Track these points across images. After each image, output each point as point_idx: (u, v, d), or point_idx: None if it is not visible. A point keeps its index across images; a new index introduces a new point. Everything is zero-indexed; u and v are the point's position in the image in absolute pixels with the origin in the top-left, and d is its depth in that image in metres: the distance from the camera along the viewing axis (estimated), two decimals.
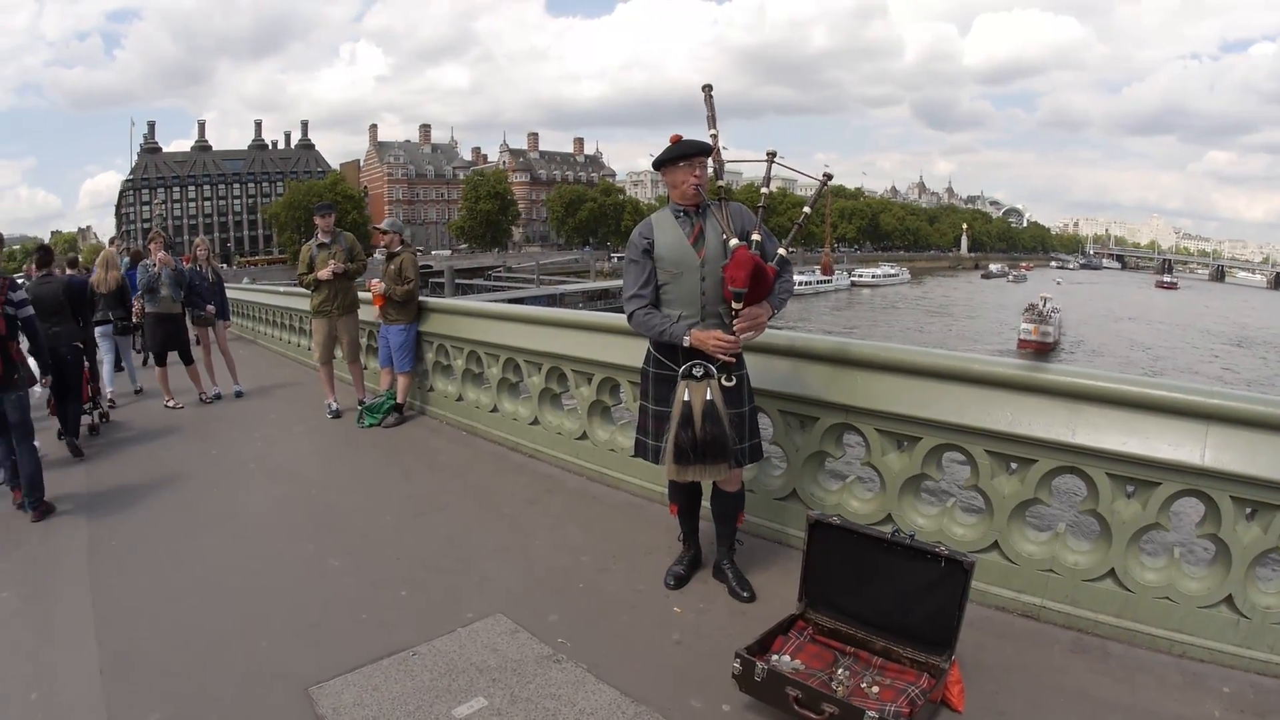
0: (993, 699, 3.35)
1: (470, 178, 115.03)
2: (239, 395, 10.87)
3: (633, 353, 5.15)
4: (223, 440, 8.50)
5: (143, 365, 12.18)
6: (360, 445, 7.90)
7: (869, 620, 3.51)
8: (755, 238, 3.83)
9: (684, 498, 4.41)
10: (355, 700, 3.49)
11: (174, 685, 3.73)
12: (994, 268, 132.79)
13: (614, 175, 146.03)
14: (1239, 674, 3.54)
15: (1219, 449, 3.54)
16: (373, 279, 8.46)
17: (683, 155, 3.88)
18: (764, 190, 4.07)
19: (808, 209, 4.10)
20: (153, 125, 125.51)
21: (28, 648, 4.17)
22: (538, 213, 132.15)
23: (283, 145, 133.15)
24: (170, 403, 10.22)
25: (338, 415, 8.96)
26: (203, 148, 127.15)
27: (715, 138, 4.01)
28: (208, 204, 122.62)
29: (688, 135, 3.99)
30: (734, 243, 3.77)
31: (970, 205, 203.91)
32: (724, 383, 3.91)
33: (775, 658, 3.43)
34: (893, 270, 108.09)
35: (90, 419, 8.89)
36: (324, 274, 8.49)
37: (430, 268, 75.46)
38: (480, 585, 4.57)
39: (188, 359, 10.53)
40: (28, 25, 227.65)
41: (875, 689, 3.25)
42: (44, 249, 8.70)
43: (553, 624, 4.07)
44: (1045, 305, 48.87)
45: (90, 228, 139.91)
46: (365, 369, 9.66)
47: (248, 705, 3.54)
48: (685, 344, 3.86)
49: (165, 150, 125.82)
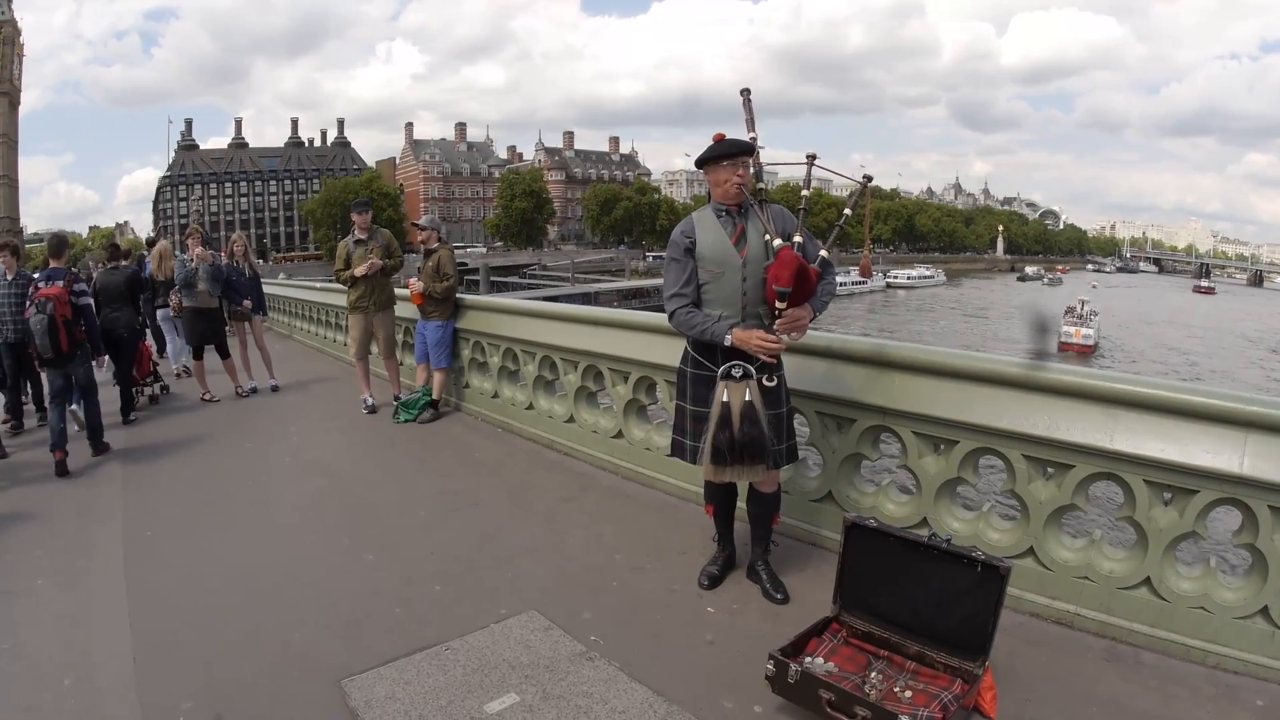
0: (1025, 706, 3.32)
1: (505, 176, 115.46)
2: (274, 390, 10.97)
3: (670, 352, 5.15)
4: (258, 434, 8.58)
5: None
6: (395, 441, 7.94)
7: (903, 624, 3.48)
8: (797, 239, 3.80)
9: (720, 498, 4.40)
10: (387, 694, 3.51)
11: (207, 674, 3.76)
12: (1030, 270, 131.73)
13: (649, 174, 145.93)
14: (1273, 686, 3.47)
15: (1258, 457, 3.48)
16: (409, 278, 8.49)
17: (726, 154, 3.86)
18: (804, 192, 4.04)
19: (848, 210, 4.06)
20: (190, 123, 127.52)
21: (63, 634, 4.22)
22: (573, 211, 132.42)
23: (319, 143, 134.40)
24: (207, 396, 10.35)
25: (373, 411, 9.02)
26: (239, 145, 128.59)
27: (754, 140, 4.00)
28: (244, 200, 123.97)
29: (726, 135, 3.97)
30: (777, 243, 3.75)
31: (1006, 207, 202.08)
32: (765, 382, 3.91)
33: (809, 660, 3.41)
34: (928, 272, 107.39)
35: (152, 390, 10.53)
36: (360, 271, 8.54)
37: (465, 265, 75.81)
38: (514, 582, 4.58)
39: (224, 353, 10.64)
40: (66, 24, 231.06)
41: (908, 693, 3.23)
42: (114, 245, 11.06)
43: (586, 622, 4.07)
44: (1083, 308, 48.46)
45: (128, 223, 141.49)
46: (401, 365, 9.71)
47: (280, 696, 3.56)
48: (727, 343, 3.84)
49: (202, 147, 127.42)
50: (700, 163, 3.98)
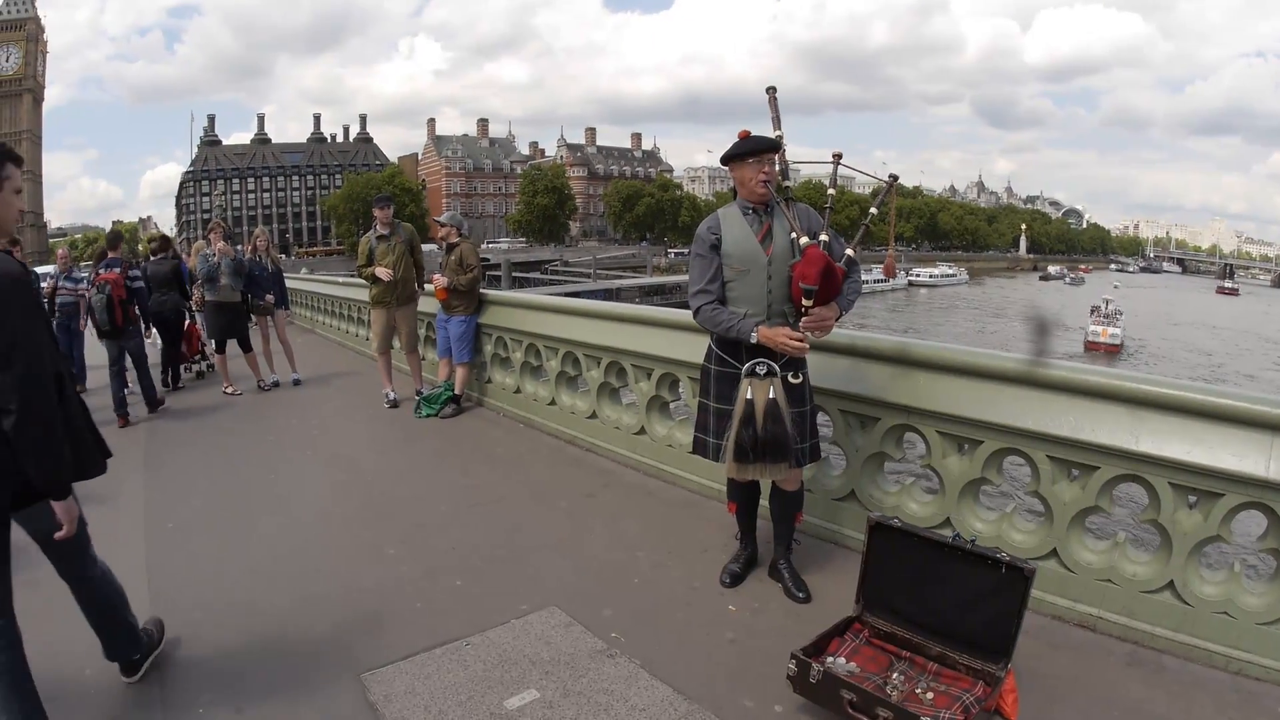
0: (1046, 710, 3.30)
1: (528, 172, 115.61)
2: (297, 383, 11.01)
3: (693, 349, 5.14)
4: (280, 427, 8.62)
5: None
6: (417, 435, 7.96)
7: (926, 625, 3.45)
8: (823, 237, 3.79)
9: (743, 496, 4.39)
10: (407, 688, 3.51)
11: (227, 665, 3.79)
12: (1053, 270, 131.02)
13: (671, 171, 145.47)
14: None
15: None
16: (433, 274, 8.50)
17: (752, 151, 3.84)
18: (830, 191, 4.03)
19: (874, 209, 4.05)
20: (213, 118, 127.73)
21: (84, 625, 4.24)
22: (595, 207, 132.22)
23: (341, 138, 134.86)
24: (229, 389, 10.42)
25: (395, 405, 9.04)
26: (262, 140, 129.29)
27: (780, 138, 3.98)
28: (266, 196, 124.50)
29: (751, 132, 3.95)
30: (804, 241, 3.74)
31: (1029, 205, 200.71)
32: (790, 380, 3.90)
33: (830, 660, 3.39)
34: (950, 270, 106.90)
35: (199, 366, 12.32)
36: (383, 274, 8.58)
37: (487, 260, 76.05)
38: (535, 577, 4.58)
39: (246, 347, 10.70)
40: (90, 20, 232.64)
41: (930, 695, 3.21)
42: (164, 238, 11.99)
43: (607, 618, 4.07)
44: (1108, 306, 48.17)
45: (151, 218, 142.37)
46: (423, 360, 9.73)
47: (300, 689, 3.58)
48: (752, 341, 3.83)
49: (225, 143, 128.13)
50: (726, 159, 3.97)
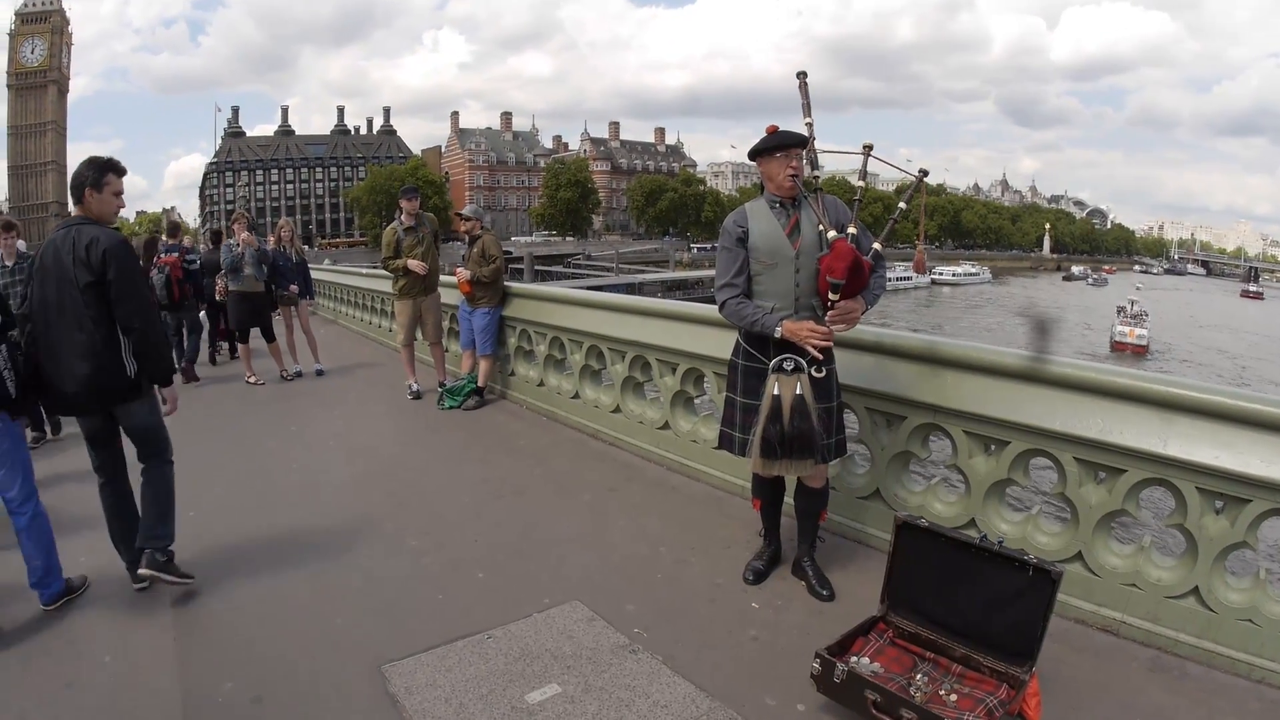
0: (1069, 715, 3.27)
1: (551, 166, 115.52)
2: (320, 374, 11.07)
3: (719, 343, 5.13)
4: (303, 417, 8.66)
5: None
6: (440, 427, 7.98)
7: (950, 626, 3.43)
8: (851, 231, 3.76)
9: (768, 492, 4.38)
10: (428, 681, 3.52)
11: (247, 655, 3.80)
12: (1076, 270, 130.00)
13: (695, 166, 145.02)
14: None
15: None
16: (457, 267, 8.52)
17: (780, 146, 3.83)
18: (859, 184, 4.00)
19: (903, 204, 4.01)
20: (237, 110, 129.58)
21: (105, 609, 4.27)
22: (618, 202, 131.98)
23: (365, 131, 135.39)
24: (252, 379, 10.47)
25: (418, 396, 9.06)
26: (286, 132, 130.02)
27: (810, 126, 3.95)
28: (290, 187, 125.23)
29: (779, 127, 3.94)
30: (832, 235, 3.72)
31: (1054, 205, 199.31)
32: (815, 374, 3.87)
33: (855, 660, 3.37)
34: (974, 269, 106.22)
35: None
36: (416, 267, 8.62)
37: (510, 254, 76.28)
38: (558, 571, 4.59)
39: (270, 336, 10.78)
40: (115, 12, 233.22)
41: (953, 697, 3.19)
42: (217, 232, 13.64)
43: (629, 614, 4.06)
44: (1134, 308, 47.89)
45: (175, 208, 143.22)
46: (446, 352, 9.75)
47: (320, 680, 3.58)
48: (778, 335, 3.81)
49: (249, 134, 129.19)
50: (753, 154, 3.96)
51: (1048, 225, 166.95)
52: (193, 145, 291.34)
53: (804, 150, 3.89)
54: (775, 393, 3.83)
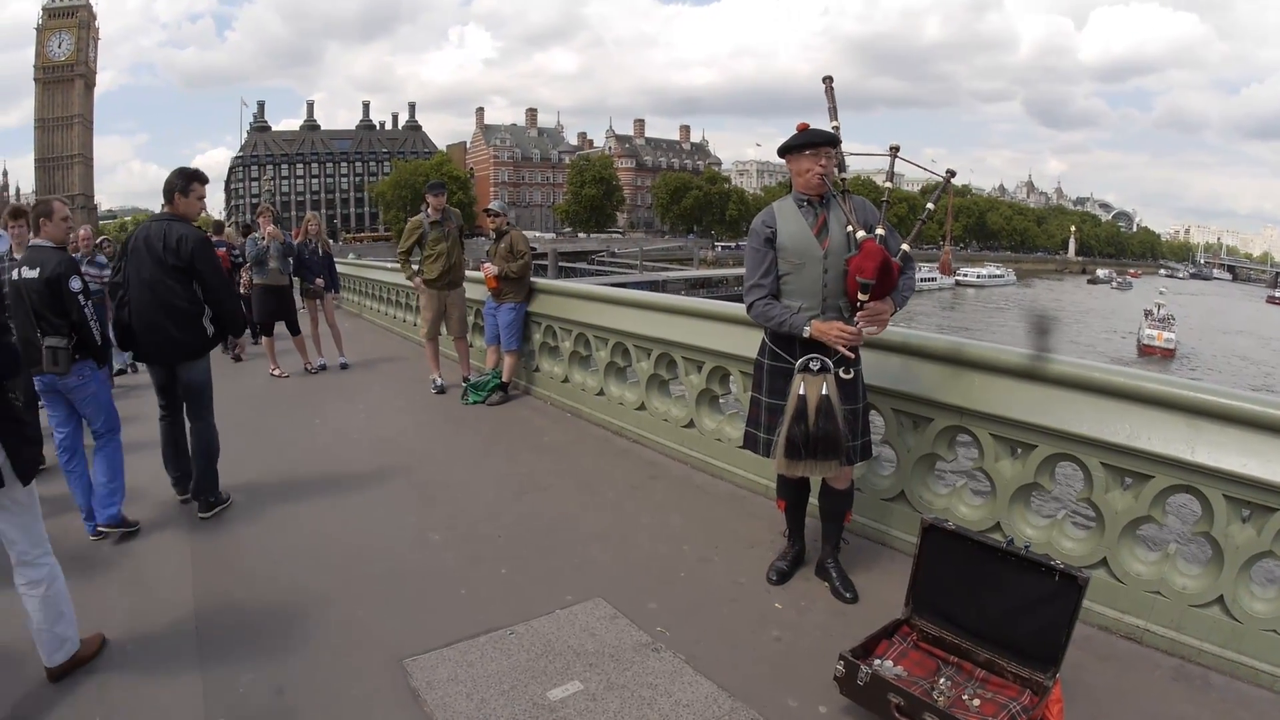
0: None
1: (576, 162, 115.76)
2: (344, 367, 11.13)
3: (746, 342, 5.13)
4: (327, 410, 8.70)
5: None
6: (464, 422, 8.00)
7: (975, 630, 3.41)
8: (879, 232, 3.75)
9: (792, 493, 4.37)
10: (450, 675, 3.53)
11: (269, 645, 3.83)
12: (1101, 273, 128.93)
13: (720, 164, 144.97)
14: None
15: None
16: (484, 264, 8.54)
17: (810, 143, 3.80)
18: (887, 185, 3.99)
19: (931, 205, 4.00)
20: (262, 105, 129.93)
21: (126, 598, 4.31)
22: (642, 199, 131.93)
23: (390, 126, 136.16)
24: (276, 371, 10.56)
25: (442, 391, 9.09)
26: (311, 127, 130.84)
27: (837, 130, 3.93)
28: (315, 181, 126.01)
29: (809, 125, 3.91)
30: (861, 235, 3.71)
31: (1079, 207, 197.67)
32: (842, 375, 3.86)
33: (878, 662, 3.36)
34: (998, 271, 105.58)
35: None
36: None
37: (534, 249, 76.24)
38: (581, 568, 4.59)
39: (294, 330, 10.83)
40: (141, 8, 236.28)
41: (976, 702, 3.17)
42: (247, 226, 13.81)
43: (652, 612, 4.07)
44: (1160, 311, 47.58)
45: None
46: (471, 347, 9.77)
47: (341, 672, 3.61)
48: (805, 335, 3.80)
49: (274, 129, 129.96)
50: (782, 151, 3.94)
51: (1073, 228, 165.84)
52: (218, 139, 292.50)
53: (834, 149, 3.87)
54: (801, 393, 3.82)
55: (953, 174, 4.00)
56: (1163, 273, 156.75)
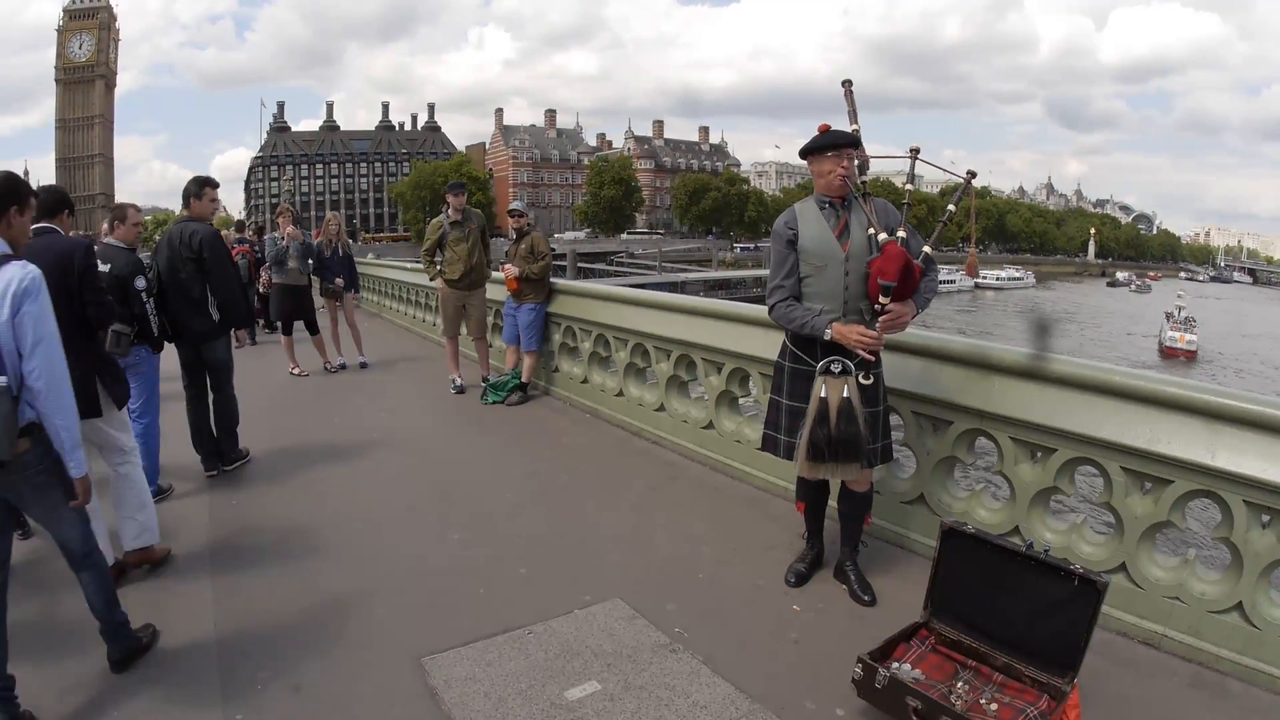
0: None
1: (595, 163, 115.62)
2: (363, 366, 11.19)
3: (766, 344, 5.14)
4: (346, 409, 8.74)
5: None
6: (484, 422, 8.03)
7: (993, 634, 3.40)
8: (901, 234, 3.74)
9: (812, 495, 4.36)
10: (468, 674, 3.54)
11: (286, 642, 3.86)
12: (1121, 276, 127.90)
13: (739, 165, 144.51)
14: None
15: None
16: (505, 265, 8.54)
17: (832, 145, 3.80)
18: (908, 187, 3.98)
19: (952, 207, 3.98)
20: (282, 105, 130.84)
21: (146, 591, 4.36)
22: (661, 200, 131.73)
23: (409, 127, 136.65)
24: (295, 370, 10.61)
25: (461, 391, 9.11)
26: (330, 127, 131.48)
27: (856, 132, 3.93)
28: (334, 182, 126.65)
29: (831, 126, 3.91)
30: (883, 237, 3.71)
31: (1099, 209, 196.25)
32: (861, 380, 3.86)
33: (896, 665, 3.35)
34: (1017, 273, 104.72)
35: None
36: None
37: (554, 250, 76.24)
38: (599, 568, 4.60)
39: (313, 329, 10.88)
40: (162, 9, 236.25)
41: (994, 706, 3.16)
42: (260, 228, 14.14)
43: (670, 613, 4.07)
44: (1181, 314, 47.43)
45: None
46: (491, 347, 9.79)
47: (359, 670, 3.63)
48: (826, 338, 3.80)
49: (294, 129, 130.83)
50: (804, 153, 3.94)
51: (1093, 230, 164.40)
52: (238, 139, 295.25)
53: (855, 150, 3.87)
54: (822, 395, 3.82)
55: (973, 175, 3.98)
56: (1183, 275, 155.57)
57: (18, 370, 3.06)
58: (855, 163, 3.88)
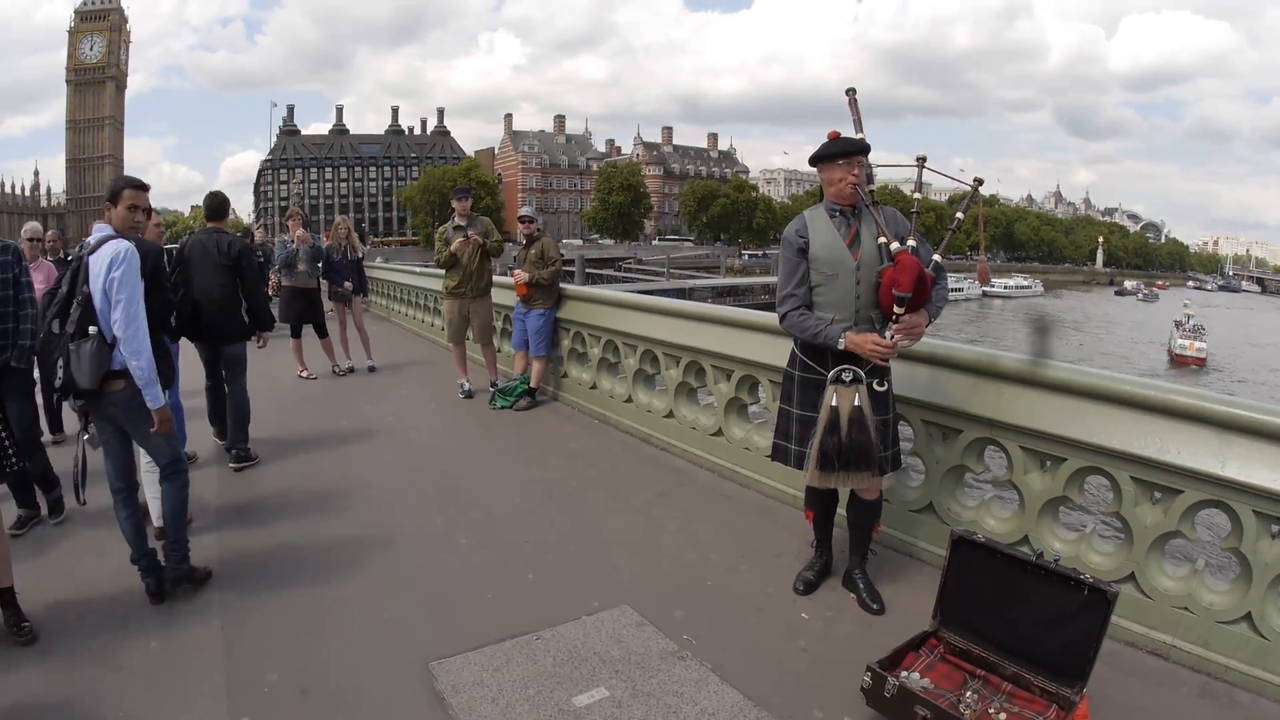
0: None
1: (603, 169, 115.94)
2: (371, 370, 11.20)
3: (775, 351, 5.13)
4: (354, 413, 8.72)
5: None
6: (492, 426, 8.03)
7: (1002, 643, 3.40)
8: (911, 243, 3.73)
9: (821, 504, 4.36)
10: (475, 679, 3.54)
11: (294, 644, 3.86)
12: (1129, 285, 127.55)
13: (747, 172, 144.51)
14: None
15: None
16: (513, 268, 8.54)
17: (842, 152, 3.79)
18: (916, 195, 3.98)
19: (960, 215, 3.98)
20: (292, 108, 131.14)
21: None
22: (670, 206, 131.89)
23: (419, 131, 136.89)
24: (304, 373, 10.63)
25: (470, 395, 9.12)
26: (340, 131, 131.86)
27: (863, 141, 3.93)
28: (344, 185, 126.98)
29: (840, 134, 3.90)
30: (895, 246, 3.70)
31: (1107, 218, 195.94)
32: (875, 387, 3.86)
33: (905, 674, 3.35)
34: (1025, 282, 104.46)
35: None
36: (456, 245, 8.61)
37: (562, 255, 76.39)
38: (607, 575, 4.60)
39: (322, 332, 10.89)
40: (173, 11, 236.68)
41: (1003, 715, 3.16)
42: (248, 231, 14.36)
43: (679, 620, 4.06)
44: (1189, 322, 47.55)
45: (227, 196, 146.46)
46: (499, 352, 9.79)
47: (366, 673, 3.63)
48: (840, 347, 3.79)
49: (303, 132, 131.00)
50: (814, 160, 3.92)
51: (1100, 238, 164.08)
52: (248, 142, 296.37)
53: (866, 157, 3.86)
54: (833, 404, 3.81)
55: (980, 182, 3.97)
56: (1190, 285, 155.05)
57: (109, 323, 3.97)
58: (864, 170, 3.87)
